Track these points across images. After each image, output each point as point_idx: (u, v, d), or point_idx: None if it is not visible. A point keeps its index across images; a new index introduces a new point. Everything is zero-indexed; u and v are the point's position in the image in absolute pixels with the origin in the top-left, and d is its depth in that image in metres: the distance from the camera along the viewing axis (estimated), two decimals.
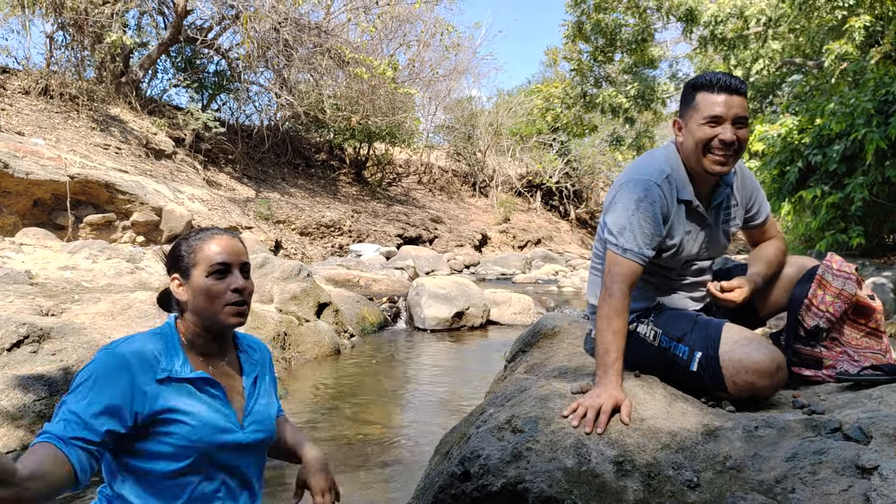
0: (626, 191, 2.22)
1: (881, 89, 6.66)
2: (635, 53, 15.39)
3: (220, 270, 1.63)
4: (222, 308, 1.62)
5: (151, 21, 16.24)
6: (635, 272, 2.17)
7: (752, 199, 2.48)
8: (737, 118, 2.13)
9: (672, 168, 2.24)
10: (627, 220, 2.17)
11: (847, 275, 2.23)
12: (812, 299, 2.26)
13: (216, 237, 1.67)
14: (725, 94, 2.13)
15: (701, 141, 2.15)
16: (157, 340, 1.62)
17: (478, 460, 1.92)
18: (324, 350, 5.83)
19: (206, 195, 13.39)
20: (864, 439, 1.70)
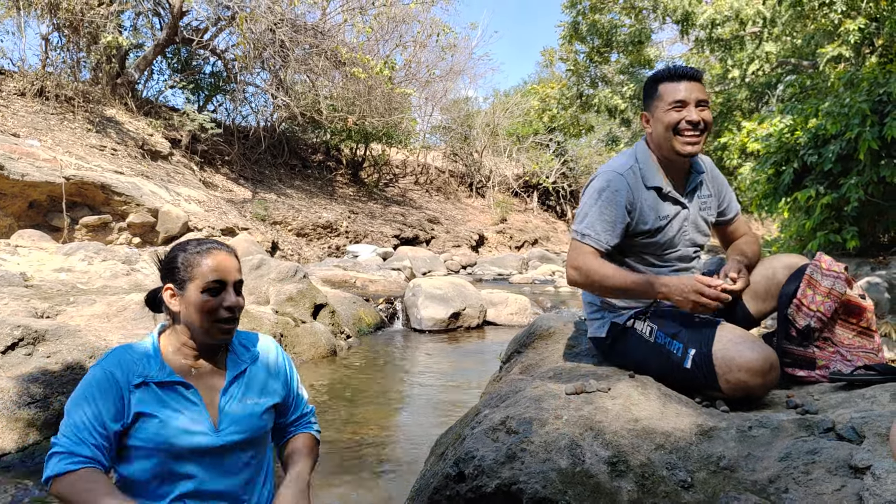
0: (592, 184, 2.39)
1: (876, 89, 6.66)
2: (631, 54, 15.41)
3: (214, 288, 1.69)
4: (212, 324, 1.70)
5: (147, 22, 16.24)
6: (594, 255, 2.31)
7: (722, 193, 2.60)
8: (699, 101, 2.30)
9: (639, 160, 2.39)
10: (589, 208, 2.33)
11: (836, 274, 2.24)
12: (802, 299, 2.27)
13: (213, 253, 1.72)
14: (685, 81, 2.31)
15: (670, 124, 2.30)
16: (138, 349, 1.73)
17: (472, 461, 1.92)
18: (320, 351, 5.82)
19: (203, 196, 13.37)
20: (857, 439, 1.71)
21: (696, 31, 11.95)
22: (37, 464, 3.18)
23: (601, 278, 2.26)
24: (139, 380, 1.66)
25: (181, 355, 1.75)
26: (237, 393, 1.77)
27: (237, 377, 1.79)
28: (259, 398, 1.81)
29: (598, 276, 2.27)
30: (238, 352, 1.83)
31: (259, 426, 1.79)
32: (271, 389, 1.85)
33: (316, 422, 1.99)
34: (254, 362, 1.85)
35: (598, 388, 2.12)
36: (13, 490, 2.88)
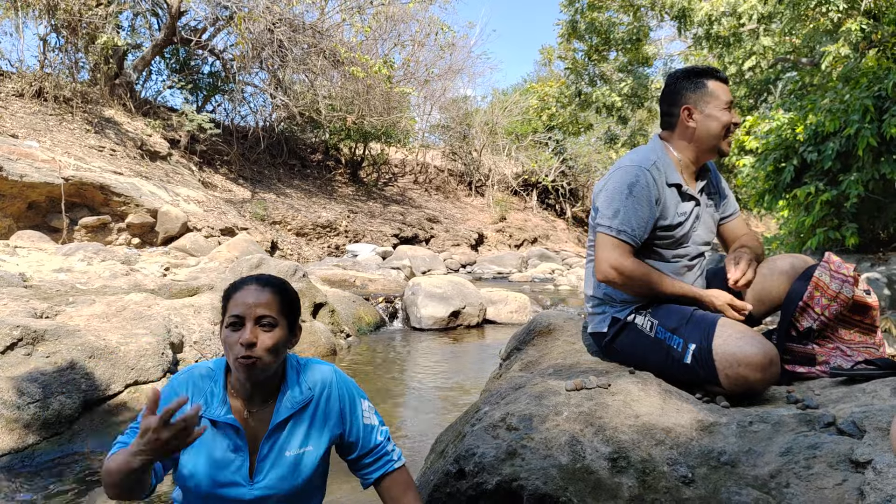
0: (617, 177, 2.33)
1: (875, 84, 6.66)
2: (630, 52, 15.40)
3: (234, 323, 1.66)
4: (234, 360, 1.65)
5: (145, 22, 16.23)
6: (629, 252, 2.28)
7: (724, 190, 2.63)
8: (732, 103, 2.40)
9: (658, 157, 2.38)
10: (622, 204, 2.28)
11: (845, 277, 2.20)
12: (808, 301, 2.25)
13: (243, 289, 1.70)
14: (726, 84, 2.40)
15: (727, 124, 2.35)
16: (211, 375, 1.75)
17: (473, 458, 1.92)
18: (320, 350, 5.82)
19: (202, 196, 13.37)
20: (858, 433, 1.70)
21: (694, 28, 11.94)
22: (36, 464, 3.18)
23: (645, 283, 2.27)
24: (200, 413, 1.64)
25: (237, 391, 1.73)
26: (278, 443, 1.72)
27: (280, 425, 1.72)
28: (301, 448, 1.73)
29: (641, 279, 2.27)
30: (291, 393, 1.75)
31: (301, 478, 1.73)
32: (319, 435, 1.77)
33: (393, 449, 1.88)
34: (304, 406, 1.76)
35: (598, 385, 2.11)
36: (12, 491, 2.88)
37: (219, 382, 1.73)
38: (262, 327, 1.65)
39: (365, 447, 1.84)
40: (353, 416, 1.83)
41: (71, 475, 3.08)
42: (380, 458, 1.85)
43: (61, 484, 2.99)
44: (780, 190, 8.01)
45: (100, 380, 3.64)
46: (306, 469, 1.74)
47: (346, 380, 1.87)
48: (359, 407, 1.85)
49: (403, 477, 1.86)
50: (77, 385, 3.52)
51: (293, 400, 1.75)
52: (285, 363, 1.79)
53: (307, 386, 1.79)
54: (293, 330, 1.77)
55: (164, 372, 3.98)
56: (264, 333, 1.65)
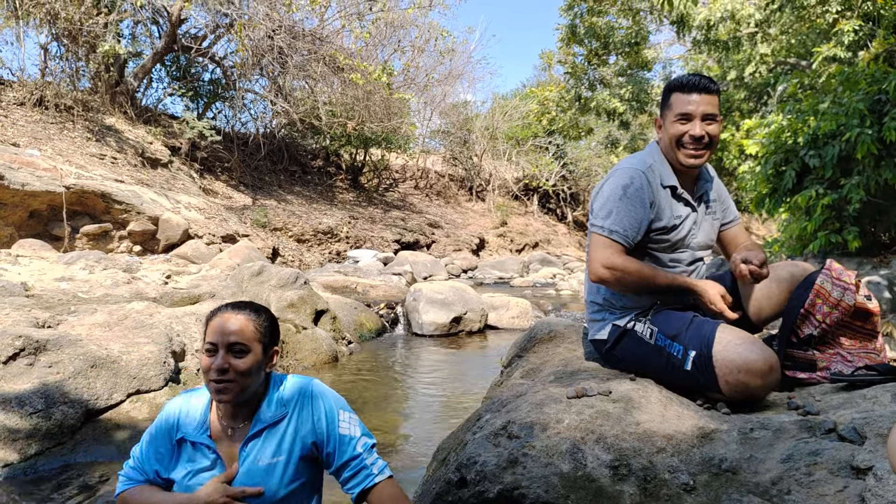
0: (613, 180, 2.37)
1: (873, 86, 6.65)
2: (629, 56, 15.42)
3: (209, 350, 1.77)
4: (209, 384, 1.77)
5: (145, 30, 16.26)
6: (622, 251, 2.31)
7: (724, 197, 2.64)
8: (705, 115, 2.32)
9: (655, 160, 2.41)
10: (615, 205, 2.31)
11: (846, 285, 2.21)
12: (810, 308, 2.25)
13: (219, 315, 1.81)
14: (696, 94, 2.32)
15: (674, 137, 2.35)
16: (197, 399, 1.90)
17: (474, 466, 1.92)
18: (322, 357, 5.82)
19: (203, 203, 13.38)
20: (859, 440, 1.70)
21: (693, 33, 11.96)
22: (38, 475, 3.18)
23: (638, 278, 2.28)
24: (180, 436, 1.84)
25: (222, 411, 1.86)
26: (252, 453, 1.81)
27: (254, 437, 1.82)
28: (273, 458, 1.81)
29: (634, 275, 2.28)
30: (267, 409, 1.85)
31: (275, 486, 1.80)
32: (290, 446, 1.83)
33: (374, 462, 1.86)
34: (279, 419, 1.84)
35: (599, 392, 2.12)
36: (14, 502, 2.88)
37: (203, 406, 1.87)
38: (233, 354, 1.76)
39: (341, 458, 1.84)
40: (329, 426, 1.85)
41: (74, 485, 3.08)
42: (358, 472, 1.83)
43: (64, 494, 2.99)
44: (781, 194, 8.00)
45: (102, 389, 3.65)
46: (278, 477, 1.81)
47: (324, 392, 1.91)
48: (336, 417, 1.87)
49: (388, 491, 1.83)
50: (79, 395, 3.53)
51: (267, 415, 1.84)
52: (268, 382, 1.88)
53: (283, 402, 1.87)
54: (268, 353, 1.86)
55: (166, 381, 3.98)
56: (236, 359, 1.75)
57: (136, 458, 1.90)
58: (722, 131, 2.69)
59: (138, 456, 1.90)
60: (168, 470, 1.85)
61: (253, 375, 1.78)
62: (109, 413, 3.65)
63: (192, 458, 1.83)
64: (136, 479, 1.88)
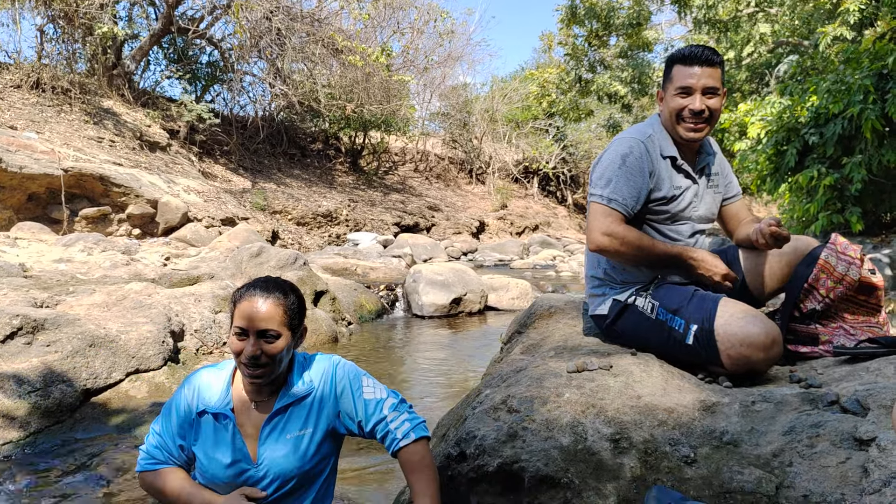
0: (612, 149, 2.35)
1: (877, 62, 6.59)
2: (630, 37, 15.29)
3: (239, 333, 1.77)
4: (240, 365, 1.79)
5: (142, 12, 16.13)
6: (621, 220, 2.27)
7: (726, 172, 2.60)
8: (706, 88, 2.28)
9: (655, 131, 2.38)
10: (614, 174, 2.29)
11: (851, 259, 2.18)
12: (814, 283, 2.22)
13: (248, 298, 1.78)
14: (698, 66, 2.28)
15: (673, 110, 2.32)
16: (218, 373, 1.90)
17: (474, 441, 1.91)
18: (321, 338, 5.82)
19: (202, 187, 13.34)
20: (862, 411, 1.69)
21: (694, 12, 11.85)
22: (38, 452, 3.18)
23: (637, 246, 2.25)
24: (201, 408, 1.84)
25: (244, 386, 1.86)
26: (278, 427, 1.83)
27: (280, 411, 1.84)
28: (301, 430, 1.84)
29: (634, 243, 2.25)
30: (292, 383, 1.86)
31: (302, 458, 1.84)
32: (316, 419, 1.86)
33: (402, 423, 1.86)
34: (303, 396, 1.86)
35: (599, 366, 2.10)
36: (15, 479, 2.88)
37: (226, 379, 1.87)
38: (265, 339, 1.75)
39: (371, 422, 1.87)
40: (355, 394, 1.89)
41: (74, 463, 3.08)
42: (386, 436, 1.86)
43: (64, 472, 2.99)
44: (782, 173, 7.98)
45: (100, 368, 3.64)
46: (305, 449, 1.85)
47: (345, 364, 1.95)
48: (360, 384, 1.91)
49: (409, 456, 1.82)
50: (78, 374, 3.52)
51: (294, 391, 1.86)
52: (292, 360, 1.90)
53: (309, 378, 1.89)
54: (297, 334, 1.86)
55: (165, 360, 3.97)
56: (267, 345, 1.75)
57: (158, 433, 1.90)
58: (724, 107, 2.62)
59: (160, 431, 1.89)
60: (190, 442, 1.87)
61: (284, 358, 1.81)
62: (108, 392, 3.65)
63: (215, 430, 1.84)
64: (158, 459, 1.88)
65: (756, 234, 2.24)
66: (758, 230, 2.23)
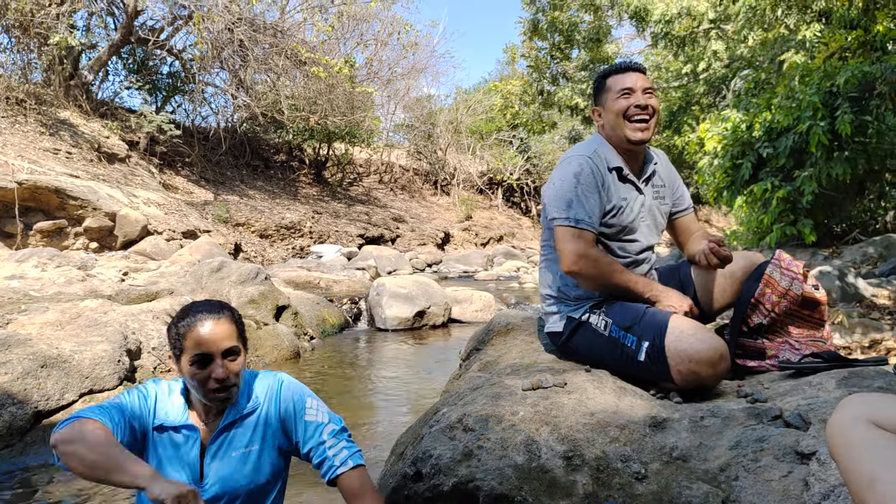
0: (562, 171, 2.38)
1: (826, 81, 6.82)
2: (591, 51, 15.52)
3: (201, 360, 1.74)
4: (207, 393, 1.77)
5: (100, 22, 15.86)
6: (592, 240, 2.31)
7: (675, 185, 2.65)
8: (645, 88, 2.38)
9: (598, 145, 2.43)
10: (573, 194, 2.31)
11: (794, 274, 2.26)
12: (759, 298, 2.30)
13: (199, 323, 1.76)
14: (631, 72, 2.40)
15: (621, 111, 2.37)
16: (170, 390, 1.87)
17: (429, 460, 1.92)
18: (283, 353, 5.77)
19: (163, 199, 13.14)
20: (804, 426, 1.74)
21: (651, 27, 12.10)
22: None
23: (610, 271, 2.30)
24: (158, 423, 1.81)
25: (194, 405, 1.86)
26: (221, 447, 1.82)
27: (225, 428, 1.83)
28: (246, 447, 1.84)
29: (607, 268, 2.29)
30: (239, 402, 1.86)
31: (248, 475, 1.83)
32: (262, 436, 1.86)
33: (340, 450, 1.84)
34: (248, 414, 1.86)
35: (554, 384, 2.13)
36: None
37: (180, 395, 1.86)
38: (229, 358, 1.77)
39: (309, 444, 1.87)
40: (297, 414, 1.89)
41: (24, 488, 3.00)
42: (323, 462, 1.85)
43: (14, 498, 2.91)
44: (738, 186, 8.17)
45: (53, 389, 3.56)
46: (252, 466, 1.84)
47: (292, 382, 1.96)
48: (303, 405, 1.91)
49: (349, 482, 1.82)
50: (28, 395, 3.43)
51: (240, 407, 1.86)
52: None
53: (255, 395, 1.89)
54: (246, 348, 1.88)
55: (121, 380, 3.90)
56: (231, 363, 1.77)
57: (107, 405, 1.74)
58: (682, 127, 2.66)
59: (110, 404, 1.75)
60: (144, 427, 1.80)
61: (241, 374, 1.83)
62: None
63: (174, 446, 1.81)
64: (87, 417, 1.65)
65: (699, 256, 2.31)
66: (701, 252, 2.30)
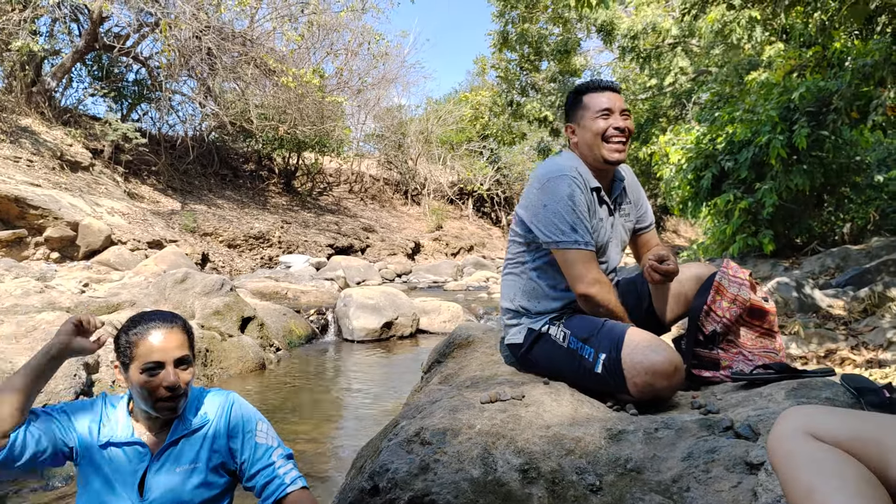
0: (549, 190, 2.33)
1: (785, 96, 6.99)
2: (560, 62, 15.69)
3: (152, 368, 1.74)
4: (155, 402, 1.77)
5: (64, 28, 15.58)
6: (595, 258, 2.32)
7: (640, 201, 2.68)
8: (623, 110, 2.40)
9: (577, 164, 2.42)
10: (573, 217, 2.29)
11: (742, 281, 2.33)
12: (711, 305, 2.35)
13: (152, 332, 1.77)
14: (609, 92, 2.41)
15: (599, 132, 2.37)
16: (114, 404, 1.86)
17: (386, 474, 1.91)
18: (248, 365, 5.71)
19: (127, 208, 12.93)
20: (753, 436, 1.77)
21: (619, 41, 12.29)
22: None
23: (615, 298, 2.32)
24: (104, 440, 1.79)
25: (139, 419, 1.85)
26: (166, 462, 1.81)
27: (169, 446, 1.82)
28: (190, 464, 1.83)
29: (614, 294, 2.32)
30: (186, 418, 1.86)
31: (194, 492, 1.82)
32: (208, 454, 1.86)
33: (288, 472, 1.88)
34: (195, 430, 1.86)
35: (512, 396, 2.14)
36: None
37: (123, 410, 1.85)
38: (181, 367, 1.79)
39: (256, 466, 1.87)
40: (246, 435, 1.89)
41: None
42: (271, 481, 1.86)
43: None
44: (701, 198, 8.32)
45: None
46: (195, 483, 1.83)
47: (242, 403, 1.96)
48: (254, 427, 1.91)
49: (304, 500, 1.85)
50: None
51: (187, 424, 1.86)
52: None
53: (203, 412, 1.89)
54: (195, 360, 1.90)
55: (77, 394, 3.82)
56: (183, 372, 1.79)
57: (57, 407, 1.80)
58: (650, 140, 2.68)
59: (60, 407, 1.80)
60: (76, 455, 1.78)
61: (190, 386, 1.84)
62: None
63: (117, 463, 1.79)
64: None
65: (646, 273, 2.35)
66: (645, 268, 2.35)
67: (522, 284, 2.47)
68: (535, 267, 2.45)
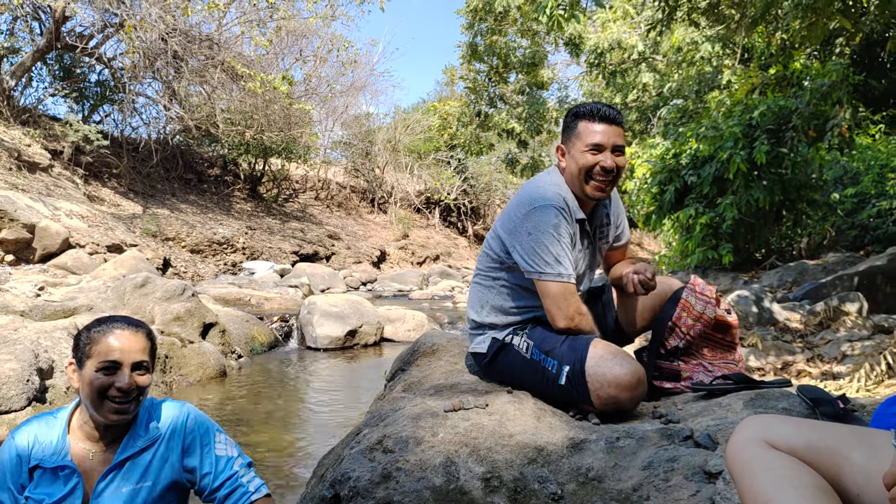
0: (535, 218, 2.26)
1: (746, 114, 7.17)
2: (529, 75, 15.85)
3: (108, 367, 1.70)
4: (102, 402, 1.71)
5: (25, 26, 15.23)
6: (575, 290, 2.29)
7: (619, 219, 2.65)
8: (615, 147, 2.29)
9: (564, 192, 2.34)
10: (557, 249, 2.24)
11: (708, 299, 2.35)
12: (676, 321, 2.38)
13: (115, 331, 1.74)
14: (605, 124, 2.28)
15: (584, 167, 2.29)
16: (49, 425, 1.77)
17: (348, 482, 1.89)
18: (209, 372, 5.61)
19: (87, 211, 12.64)
20: (712, 445, 1.80)
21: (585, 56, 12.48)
22: None
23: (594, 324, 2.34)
24: (34, 463, 1.72)
25: (84, 434, 1.78)
26: (115, 480, 1.75)
27: (118, 464, 1.76)
28: (138, 483, 1.76)
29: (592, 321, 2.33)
30: (138, 433, 1.80)
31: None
32: (159, 471, 1.80)
33: (251, 480, 1.87)
34: (148, 445, 1.80)
35: (475, 405, 2.14)
36: None
37: (61, 429, 1.77)
38: (138, 371, 1.74)
39: (219, 478, 1.83)
40: (204, 448, 1.85)
41: None
42: (234, 491, 1.83)
43: None
44: (664, 211, 8.46)
45: None
46: (142, 501, 1.76)
47: (198, 416, 1.91)
48: (212, 439, 1.87)
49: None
50: None
51: (139, 439, 1.80)
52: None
53: (155, 425, 1.83)
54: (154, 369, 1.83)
55: (29, 401, 3.71)
56: (140, 377, 1.74)
57: None
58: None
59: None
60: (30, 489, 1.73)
61: (147, 392, 1.79)
62: None
63: (50, 485, 1.72)
64: None
65: (628, 283, 2.36)
66: (629, 280, 2.35)
67: (491, 298, 2.46)
68: (507, 286, 2.42)
